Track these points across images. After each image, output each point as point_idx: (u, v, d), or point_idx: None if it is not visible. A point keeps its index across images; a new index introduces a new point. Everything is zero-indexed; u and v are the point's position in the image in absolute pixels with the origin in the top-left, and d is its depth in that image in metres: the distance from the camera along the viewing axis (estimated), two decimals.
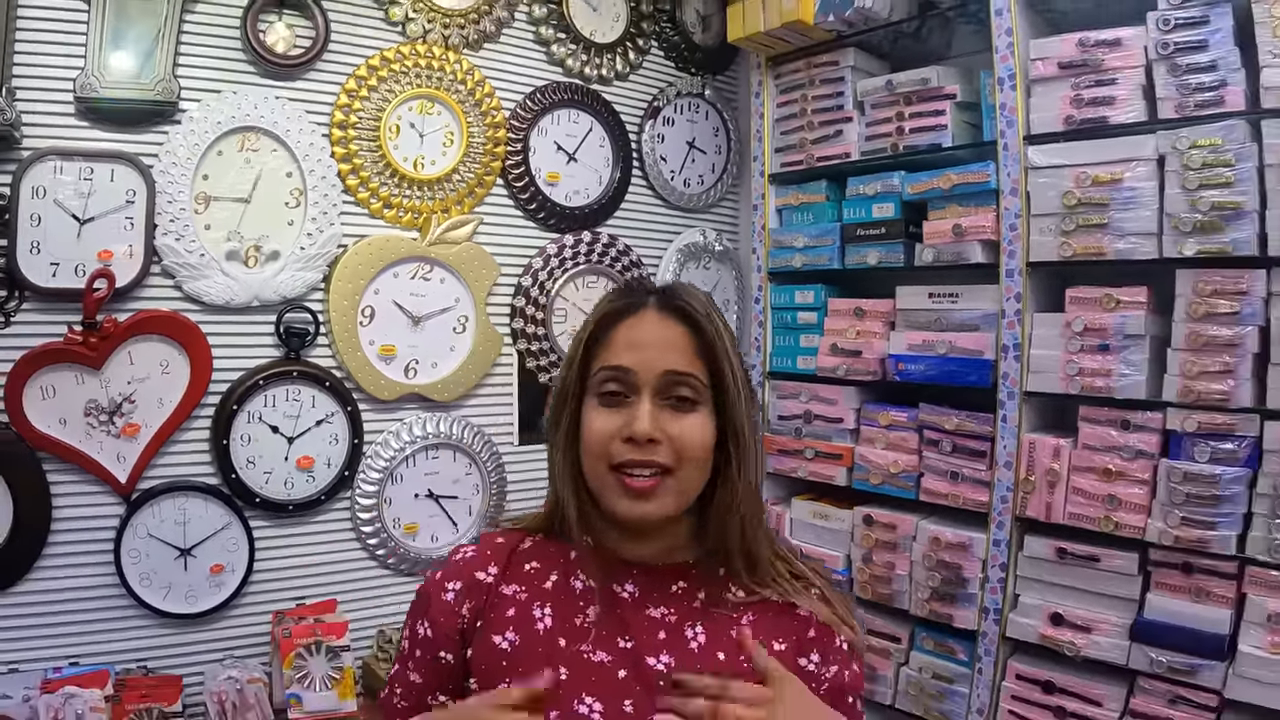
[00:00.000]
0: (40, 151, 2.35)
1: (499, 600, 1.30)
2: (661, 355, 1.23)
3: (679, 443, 1.22)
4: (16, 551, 2.39)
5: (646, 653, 1.24)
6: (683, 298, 1.28)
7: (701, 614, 1.28)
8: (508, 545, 1.36)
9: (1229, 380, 2.17)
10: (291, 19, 2.61)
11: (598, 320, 1.30)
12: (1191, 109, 2.22)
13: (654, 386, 1.23)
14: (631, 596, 1.28)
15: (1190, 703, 2.22)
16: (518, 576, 1.32)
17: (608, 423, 1.23)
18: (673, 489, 1.23)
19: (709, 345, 1.25)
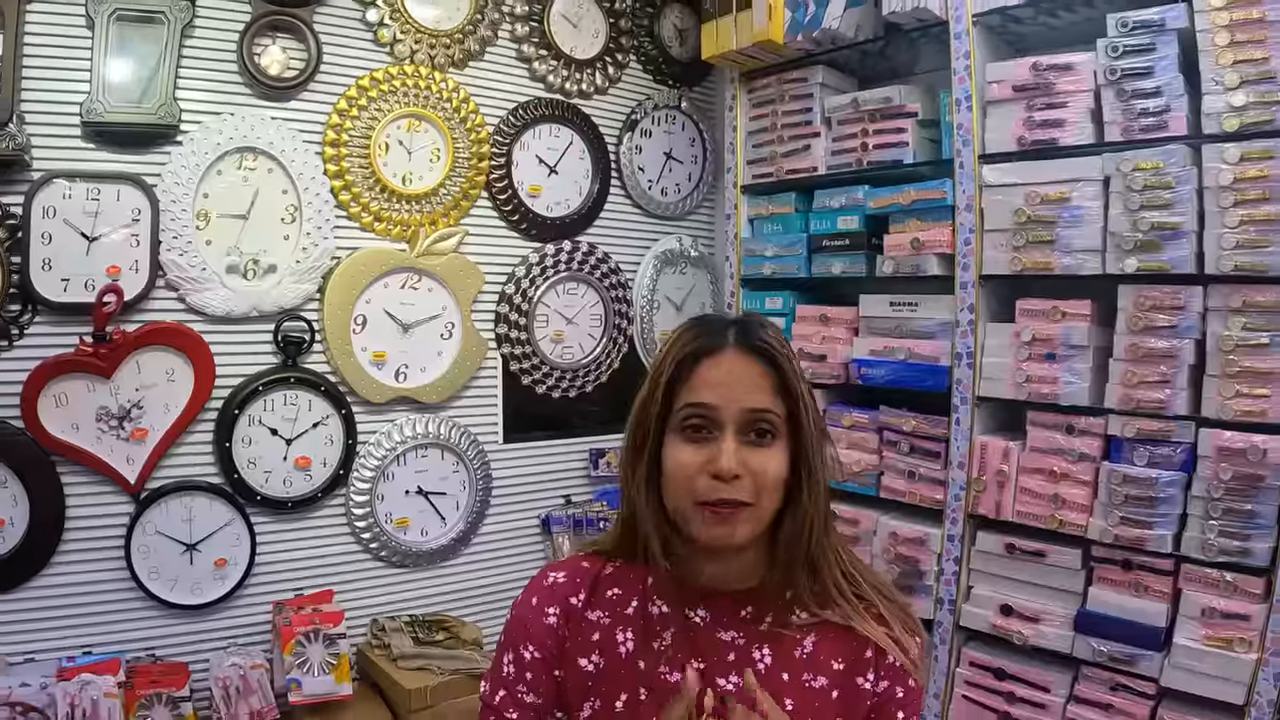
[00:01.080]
0: (50, 173, 2.44)
1: (585, 624, 1.35)
2: (743, 393, 1.26)
3: (759, 477, 1.25)
4: (33, 548, 2.48)
5: (717, 674, 1.29)
6: (761, 337, 1.30)
7: (769, 636, 1.32)
8: (593, 570, 1.41)
9: (1166, 389, 2.28)
10: (285, 42, 2.69)
11: (682, 359, 1.31)
12: (1136, 133, 2.32)
13: (737, 423, 1.25)
14: (704, 621, 1.33)
15: (1130, 690, 2.34)
16: (601, 602, 1.37)
17: (693, 458, 1.25)
18: (751, 517, 1.26)
19: (786, 383, 1.27)
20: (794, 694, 1.28)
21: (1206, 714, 2.23)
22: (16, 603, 2.48)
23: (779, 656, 1.31)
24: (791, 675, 1.30)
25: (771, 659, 1.30)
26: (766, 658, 1.30)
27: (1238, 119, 2.13)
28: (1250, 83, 2.12)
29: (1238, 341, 2.16)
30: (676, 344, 1.33)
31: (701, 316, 1.39)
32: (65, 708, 2.36)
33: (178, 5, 2.52)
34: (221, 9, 2.62)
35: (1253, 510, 2.15)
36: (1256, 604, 2.14)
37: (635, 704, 1.28)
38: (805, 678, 1.29)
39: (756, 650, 1.31)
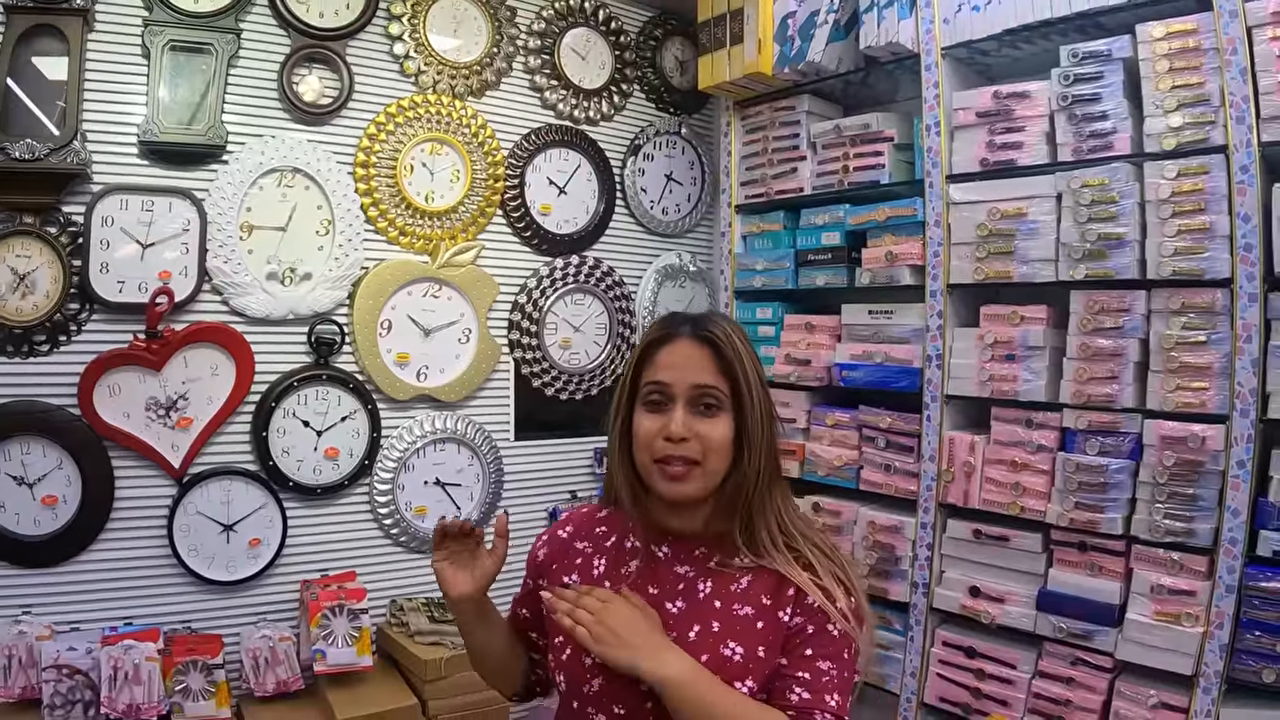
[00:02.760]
0: (109, 187, 2.64)
1: (572, 551, 1.66)
2: (691, 373, 1.49)
3: (705, 440, 1.47)
4: (83, 524, 2.66)
5: (665, 599, 1.52)
6: (708, 327, 1.53)
7: (713, 572, 1.53)
8: (589, 513, 1.73)
9: (1114, 385, 2.43)
10: (321, 72, 2.92)
11: (644, 346, 1.56)
12: (1086, 153, 2.48)
13: (686, 397, 1.48)
14: (666, 556, 1.56)
15: (1088, 664, 2.46)
16: (589, 536, 1.67)
17: (652, 424, 1.49)
18: (701, 475, 1.48)
19: (728, 365, 1.49)
20: (721, 618, 1.48)
21: (1160, 685, 2.33)
22: (65, 575, 2.66)
23: (717, 587, 1.51)
24: (724, 603, 1.49)
25: (710, 588, 1.51)
26: (707, 588, 1.51)
27: (1175, 138, 2.30)
28: (1186, 105, 2.28)
29: (1178, 340, 2.31)
30: (646, 336, 1.58)
31: (670, 313, 1.63)
32: (109, 670, 2.54)
33: (225, 38, 2.73)
34: (264, 42, 2.84)
35: (1195, 494, 2.28)
36: (1201, 580, 2.26)
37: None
38: (735, 606, 1.49)
39: (700, 582, 1.52)
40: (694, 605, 1.51)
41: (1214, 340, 2.27)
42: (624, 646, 1.40)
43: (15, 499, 2.59)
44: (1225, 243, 2.24)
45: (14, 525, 2.58)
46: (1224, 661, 2.22)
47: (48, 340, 2.60)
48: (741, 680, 1.43)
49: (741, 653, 1.45)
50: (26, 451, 2.58)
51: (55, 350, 2.61)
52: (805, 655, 1.45)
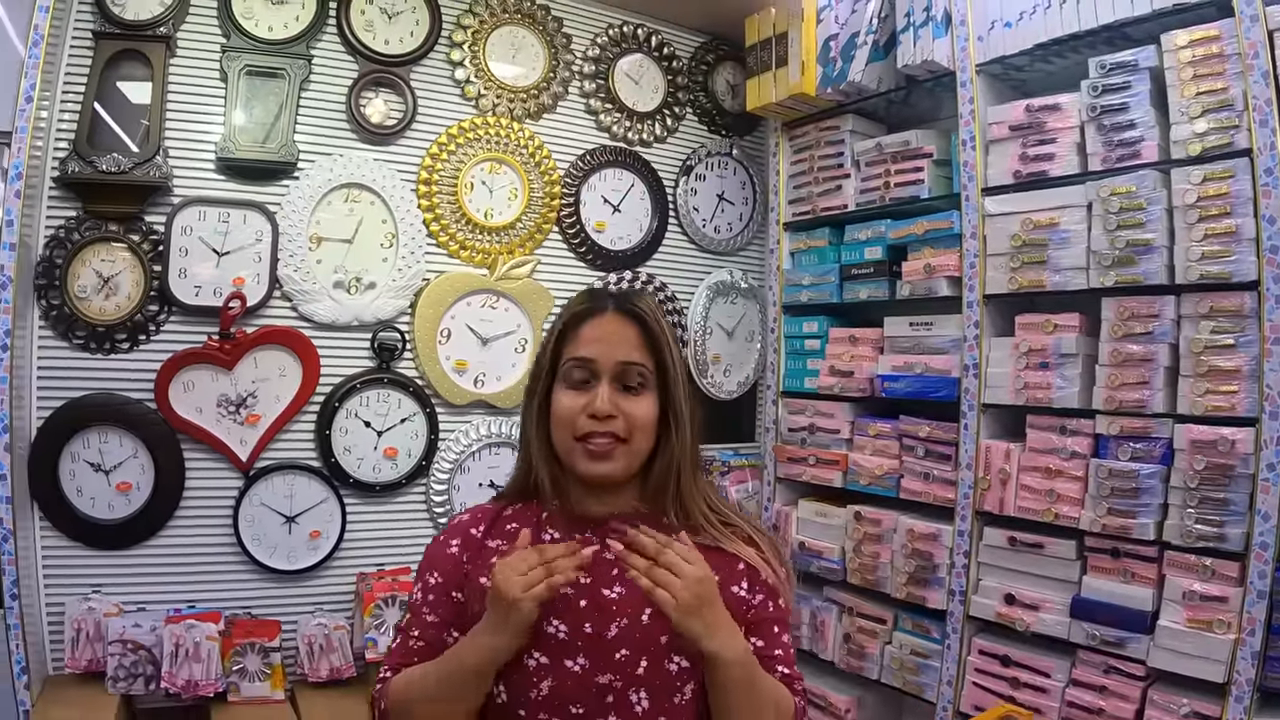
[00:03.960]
0: (188, 199, 2.87)
1: (485, 551, 1.52)
2: (618, 349, 1.46)
3: (630, 418, 1.44)
4: (155, 511, 2.85)
5: (601, 585, 1.46)
6: (634, 303, 1.50)
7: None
8: (494, 511, 1.59)
9: (1145, 390, 2.44)
10: (386, 96, 3.13)
11: (566, 321, 1.51)
12: (1115, 161, 2.52)
13: (611, 373, 1.45)
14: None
15: (1121, 672, 2.45)
16: (501, 533, 1.54)
17: (574, 402, 1.45)
18: (625, 453, 1.46)
19: (654, 340, 1.48)
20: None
21: (1193, 694, 2.32)
22: (135, 557, 2.85)
23: None
24: None
25: None
26: None
27: (1200, 144, 2.34)
28: (1211, 111, 2.32)
29: (1206, 343, 2.32)
30: (566, 310, 1.54)
31: (590, 289, 1.62)
32: (171, 646, 2.72)
33: (297, 63, 2.96)
34: (333, 67, 3.06)
35: (1225, 498, 2.27)
36: (1233, 587, 2.25)
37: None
38: None
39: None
40: (635, 590, 1.42)
41: (1242, 343, 2.27)
42: (700, 618, 1.33)
43: (92, 484, 2.78)
44: (1251, 245, 2.25)
45: (90, 509, 2.77)
46: (1256, 669, 2.20)
47: (128, 339, 2.82)
48: None
49: None
50: (104, 441, 2.79)
51: (135, 348, 2.83)
52: (774, 632, 1.51)
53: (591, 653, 1.42)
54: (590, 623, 1.43)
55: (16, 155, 2.58)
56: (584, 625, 1.43)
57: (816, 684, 3.28)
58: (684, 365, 1.53)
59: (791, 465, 3.43)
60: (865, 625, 3.14)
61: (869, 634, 3.12)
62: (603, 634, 1.43)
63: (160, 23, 2.81)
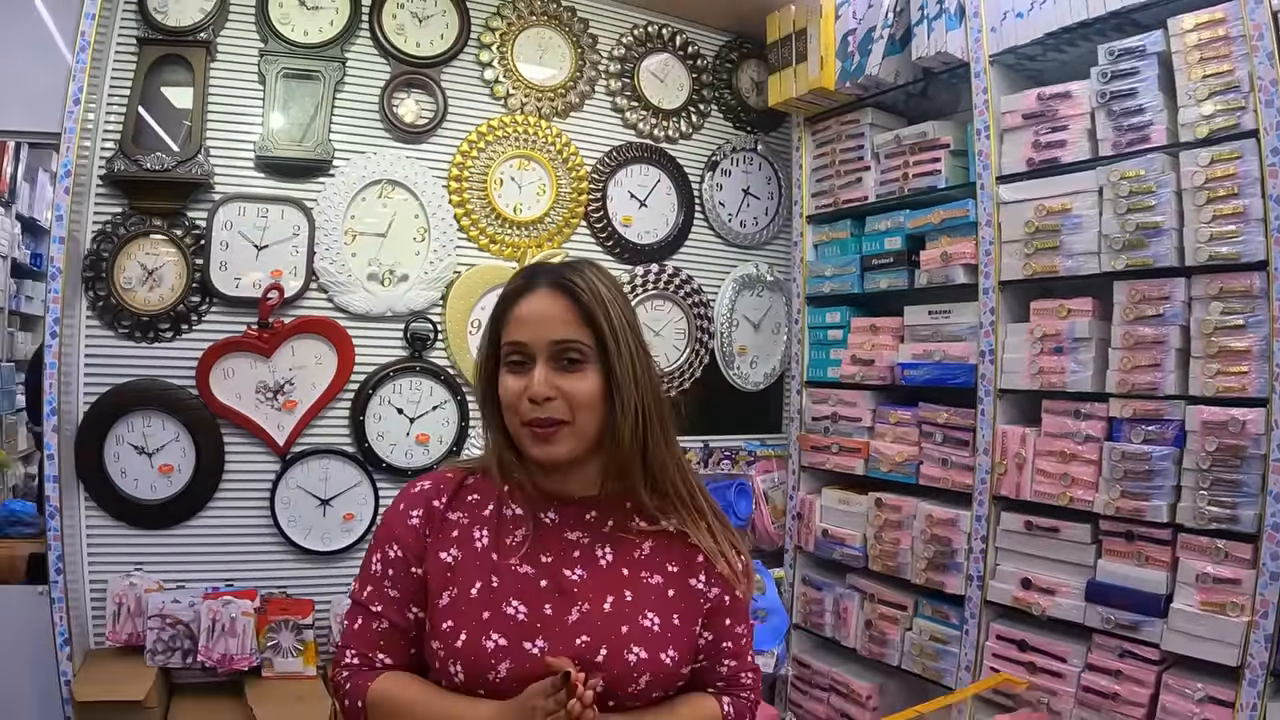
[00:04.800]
0: (228, 195, 3.01)
1: (445, 523, 1.49)
2: (550, 328, 1.41)
3: (570, 398, 1.41)
4: (195, 493, 2.98)
5: (563, 566, 1.45)
6: (567, 275, 1.45)
7: (610, 538, 1.49)
8: (455, 479, 1.54)
9: (1157, 372, 2.46)
10: (418, 96, 3.25)
11: (502, 302, 1.48)
12: (1125, 146, 2.55)
13: (546, 354, 1.41)
14: (553, 522, 1.49)
15: (1136, 656, 2.47)
16: (462, 505, 1.51)
17: (515, 385, 1.42)
18: (570, 434, 1.42)
19: (589, 314, 1.42)
20: (633, 587, 1.46)
21: (1207, 679, 2.33)
22: (175, 537, 2.98)
23: (619, 555, 1.49)
24: (630, 571, 1.48)
25: (613, 556, 1.48)
26: (608, 555, 1.48)
27: (1207, 126, 2.36)
28: (1217, 93, 2.34)
29: (1217, 324, 2.34)
30: (503, 293, 1.50)
31: (531, 264, 1.59)
32: (208, 621, 2.84)
33: (332, 66, 3.10)
34: (367, 69, 3.19)
35: (1238, 480, 2.29)
36: (1246, 569, 2.26)
37: (488, 590, 1.42)
38: (643, 574, 1.47)
39: (599, 549, 1.49)
40: (599, 574, 1.46)
41: (1252, 323, 2.30)
42: None
43: (135, 466, 2.92)
44: (1259, 225, 2.27)
45: (133, 489, 2.91)
46: (1269, 652, 2.21)
47: (171, 328, 2.95)
48: (664, 649, 1.44)
49: (660, 623, 1.45)
50: (148, 424, 2.93)
51: (177, 336, 2.97)
52: (726, 625, 1.53)
53: (551, 636, 1.40)
54: (550, 604, 1.43)
55: (65, 154, 2.75)
56: (544, 607, 1.42)
57: (839, 670, 3.34)
58: (635, 334, 1.48)
59: (815, 454, 3.49)
60: (886, 612, 3.18)
61: (890, 620, 3.16)
62: (563, 618, 1.42)
63: (201, 29, 2.96)
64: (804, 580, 3.58)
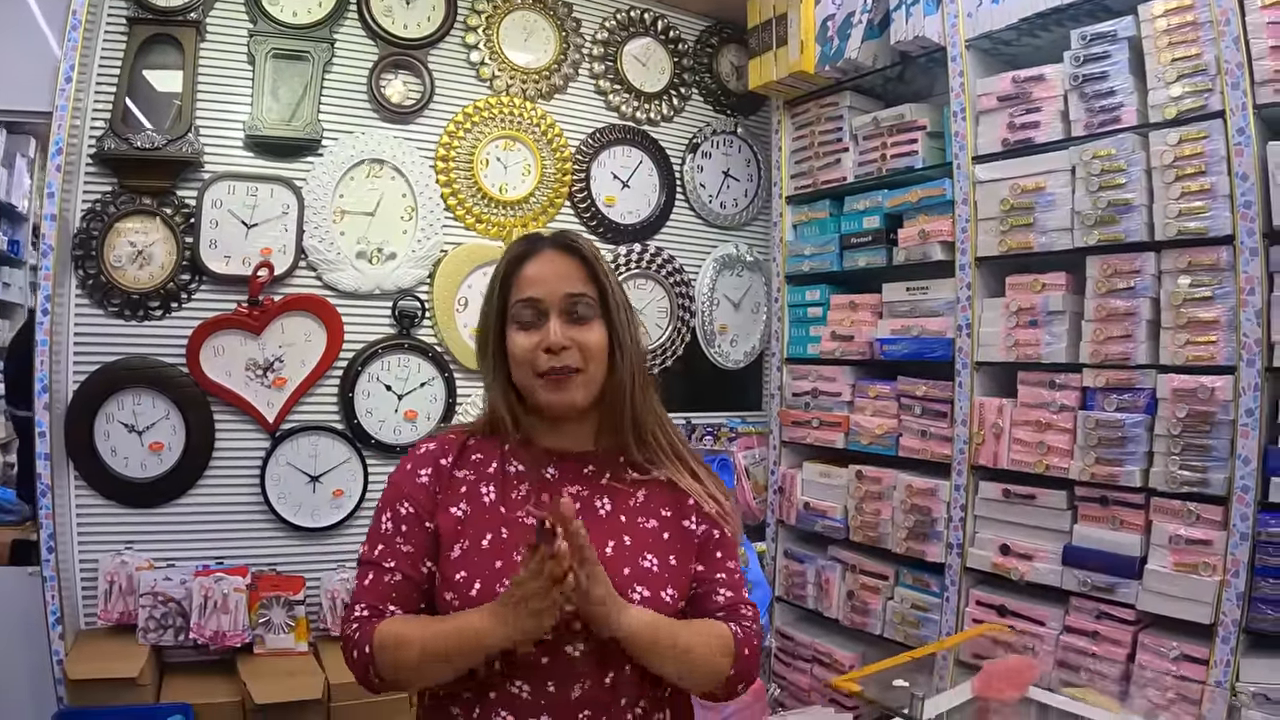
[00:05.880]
0: (218, 174, 3.05)
1: (452, 481, 1.57)
2: (561, 283, 1.53)
3: (584, 347, 1.51)
4: (185, 471, 3.02)
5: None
6: (571, 238, 1.59)
7: (606, 489, 1.58)
8: (458, 440, 1.63)
9: (1129, 343, 2.60)
10: (405, 77, 3.32)
11: (508, 264, 1.58)
12: (1096, 127, 2.68)
13: (559, 307, 1.52)
14: (553, 477, 1.57)
15: (1113, 618, 2.59)
16: (467, 463, 1.59)
17: (528, 340, 1.51)
18: (584, 382, 1.53)
19: (593, 271, 1.55)
20: (630, 532, 1.55)
21: (1181, 637, 2.45)
22: (165, 515, 3.02)
23: (615, 504, 1.57)
24: (628, 518, 1.56)
25: (610, 506, 1.57)
26: (606, 506, 1.57)
27: (1176, 107, 2.49)
28: (1186, 76, 2.47)
29: (1185, 296, 2.47)
30: (506, 255, 1.61)
31: (523, 235, 1.68)
32: (200, 598, 2.88)
33: (320, 47, 3.15)
34: (355, 50, 3.26)
35: (1207, 444, 2.42)
36: (1217, 530, 2.39)
37: (497, 541, 1.50)
38: (639, 520, 1.56)
39: (597, 500, 1.57)
40: (599, 522, 1.53)
41: (1219, 295, 2.42)
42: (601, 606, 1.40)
43: (126, 444, 2.96)
44: (1226, 202, 2.40)
45: (123, 468, 2.95)
46: (1241, 610, 2.33)
47: (161, 306, 3.00)
48: (664, 588, 1.52)
49: (657, 563, 1.53)
50: (138, 403, 2.97)
51: (167, 315, 3.01)
52: (718, 558, 1.61)
53: None
54: None
55: (57, 132, 2.77)
56: None
57: (822, 641, 3.44)
58: (624, 295, 1.60)
59: (796, 429, 3.60)
60: (868, 582, 3.29)
61: (871, 590, 3.27)
62: None
63: (190, 8, 3.00)
64: (786, 553, 3.69)
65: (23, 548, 3.36)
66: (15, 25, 2.88)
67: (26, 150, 4.22)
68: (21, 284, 4.87)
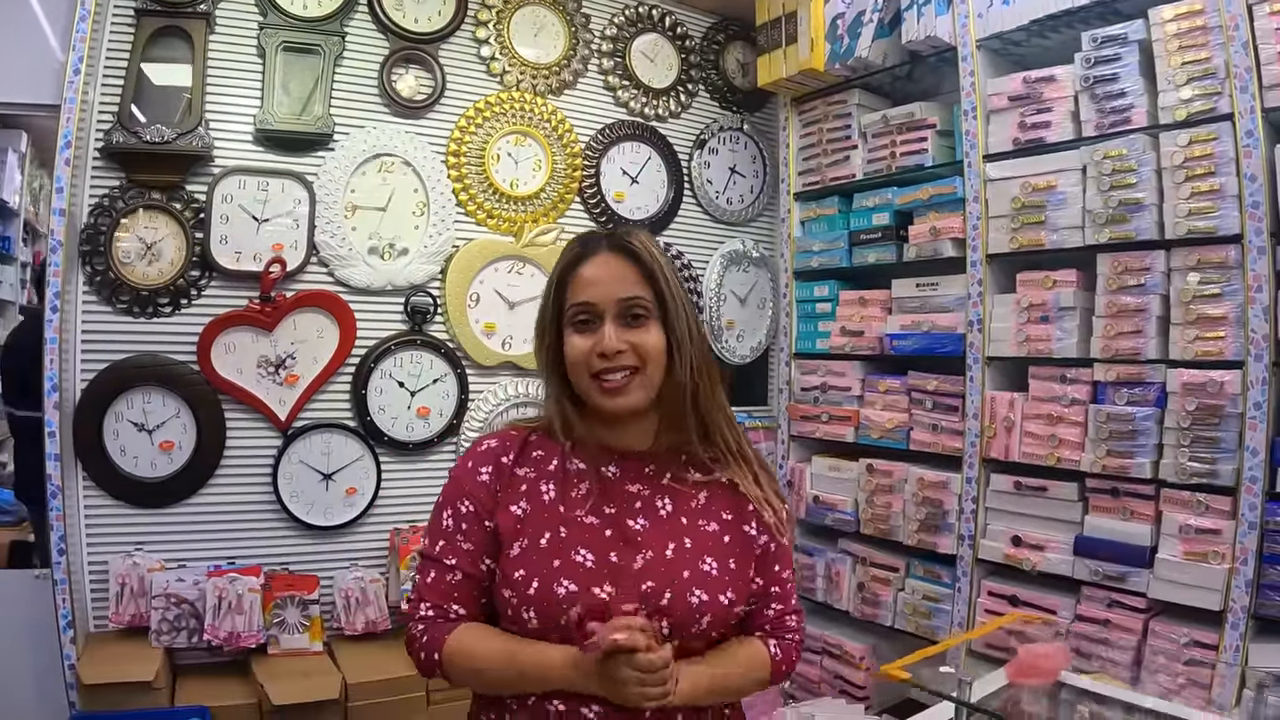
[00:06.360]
0: (228, 169, 3.09)
1: (513, 479, 1.61)
2: (616, 287, 1.55)
3: (639, 348, 1.54)
4: (196, 470, 3.06)
5: (626, 517, 1.58)
6: (626, 239, 1.59)
7: (667, 489, 1.62)
8: (520, 437, 1.66)
9: (1139, 338, 2.71)
10: (416, 72, 3.39)
11: (563, 267, 1.60)
12: (1107, 128, 2.80)
13: (614, 311, 1.54)
14: (615, 476, 1.61)
15: (1124, 606, 2.70)
16: (528, 461, 1.63)
17: (584, 344, 1.54)
18: (641, 383, 1.56)
19: (649, 272, 1.56)
20: (691, 535, 1.59)
21: (1191, 624, 2.57)
22: (176, 515, 3.06)
23: (677, 505, 1.62)
24: (689, 520, 1.60)
25: (671, 506, 1.61)
26: (666, 505, 1.61)
27: (1186, 109, 2.61)
28: (1195, 79, 2.59)
29: (1195, 293, 2.58)
30: (563, 258, 1.63)
31: (582, 234, 1.69)
32: (214, 599, 2.91)
33: (331, 40, 3.21)
34: (366, 44, 3.32)
35: (1216, 437, 2.53)
36: (1225, 520, 2.51)
37: (557, 540, 1.54)
38: (700, 522, 1.60)
39: (658, 499, 1.61)
40: (659, 523, 1.58)
41: (1228, 292, 2.54)
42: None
43: (135, 443, 3.00)
44: (1235, 202, 2.51)
45: (133, 467, 2.99)
46: (1250, 597, 2.44)
47: (170, 302, 3.03)
48: (723, 592, 1.56)
49: (717, 567, 1.58)
50: (148, 401, 3.00)
51: (177, 311, 3.05)
52: (774, 570, 1.67)
53: (617, 581, 1.52)
54: (615, 552, 1.55)
55: (66, 125, 2.80)
56: (610, 554, 1.54)
57: (832, 633, 3.55)
58: (684, 293, 1.61)
59: (804, 423, 3.71)
60: (878, 574, 3.40)
61: (882, 582, 3.38)
62: (629, 564, 1.54)
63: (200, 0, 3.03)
64: (795, 547, 3.76)
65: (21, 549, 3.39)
66: (11, 18, 2.90)
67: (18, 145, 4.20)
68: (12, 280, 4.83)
